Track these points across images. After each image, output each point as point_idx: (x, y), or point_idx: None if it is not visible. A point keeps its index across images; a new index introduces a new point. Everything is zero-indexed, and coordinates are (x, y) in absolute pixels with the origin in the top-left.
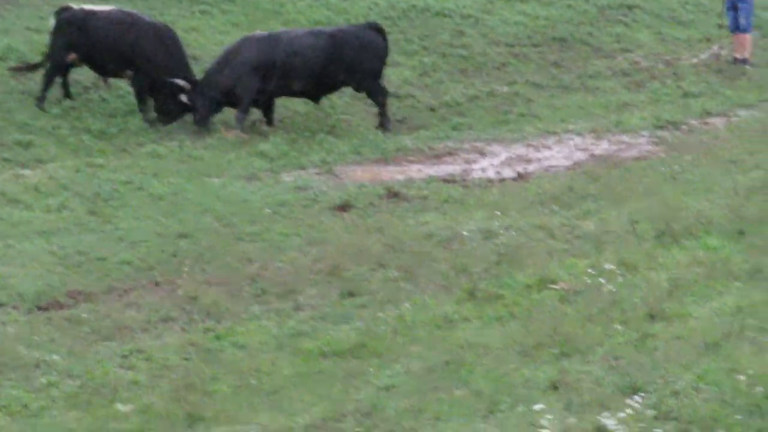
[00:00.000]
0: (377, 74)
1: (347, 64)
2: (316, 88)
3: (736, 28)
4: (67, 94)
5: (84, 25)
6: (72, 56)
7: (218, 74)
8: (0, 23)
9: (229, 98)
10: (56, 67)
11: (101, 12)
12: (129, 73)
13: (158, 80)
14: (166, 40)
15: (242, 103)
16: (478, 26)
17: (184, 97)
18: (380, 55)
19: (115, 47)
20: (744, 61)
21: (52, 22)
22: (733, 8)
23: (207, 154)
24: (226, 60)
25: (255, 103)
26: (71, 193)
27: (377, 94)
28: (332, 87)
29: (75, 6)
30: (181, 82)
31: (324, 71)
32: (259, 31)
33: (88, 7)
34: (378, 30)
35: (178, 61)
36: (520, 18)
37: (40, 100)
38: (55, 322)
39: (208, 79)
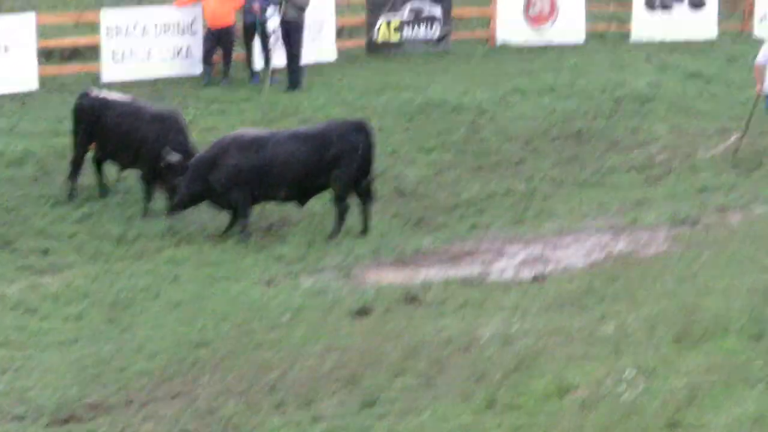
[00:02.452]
0: (350, 178)
1: (329, 167)
2: (299, 194)
3: None
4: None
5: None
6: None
7: (206, 169)
8: (19, 126)
9: (212, 197)
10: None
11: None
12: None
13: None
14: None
15: (240, 209)
16: (494, 121)
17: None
18: (359, 156)
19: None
20: None
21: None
22: None
23: (225, 258)
24: (214, 158)
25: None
26: (90, 302)
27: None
28: (316, 191)
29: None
30: (173, 155)
31: (306, 177)
32: (247, 130)
33: (103, 93)
34: (361, 128)
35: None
36: (536, 112)
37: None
38: None
39: (196, 171)
